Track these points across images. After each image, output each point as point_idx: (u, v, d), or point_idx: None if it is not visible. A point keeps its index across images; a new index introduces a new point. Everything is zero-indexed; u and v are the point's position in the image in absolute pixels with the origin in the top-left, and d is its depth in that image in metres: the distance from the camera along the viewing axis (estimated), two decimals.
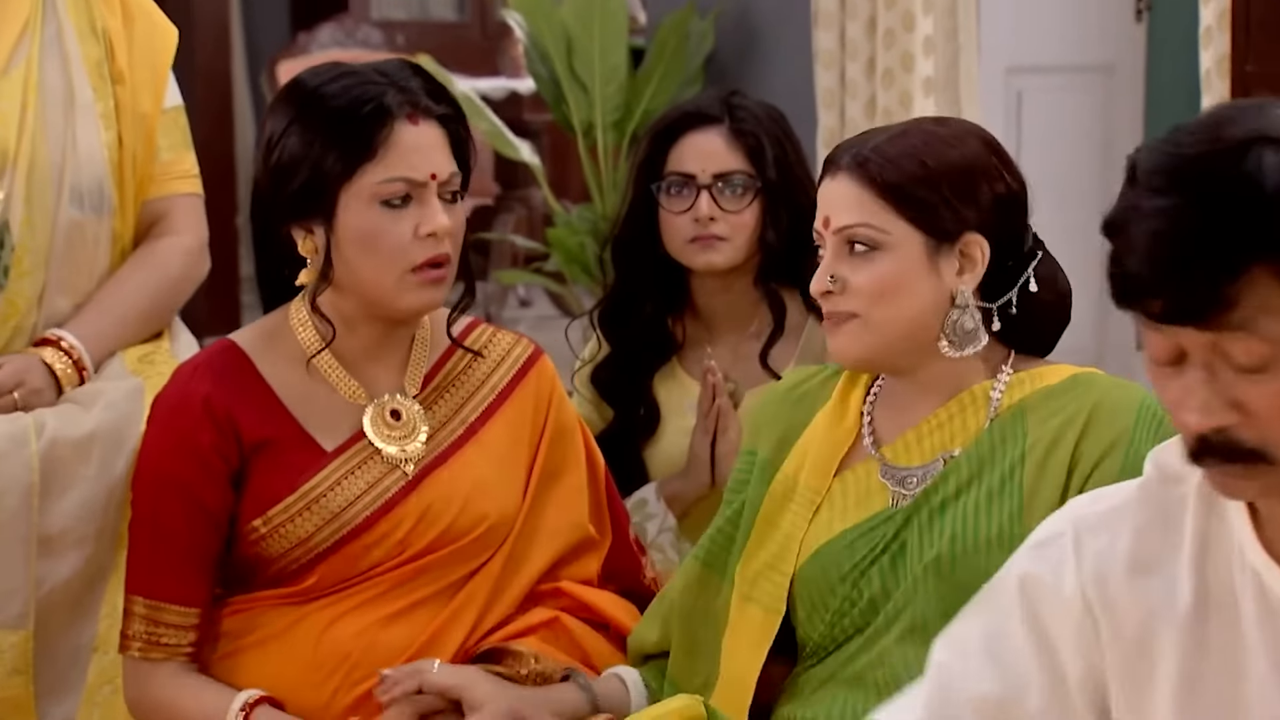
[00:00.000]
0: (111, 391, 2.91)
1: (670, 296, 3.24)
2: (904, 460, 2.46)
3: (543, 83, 6.36)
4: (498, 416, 2.70)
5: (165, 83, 3.13)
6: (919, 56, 5.51)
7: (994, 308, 2.45)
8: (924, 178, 2.40)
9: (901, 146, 2.42)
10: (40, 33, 3.01)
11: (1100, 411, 2.37)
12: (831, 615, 2.44)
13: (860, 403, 2.53)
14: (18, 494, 2.80)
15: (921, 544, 2.39)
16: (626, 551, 2.80)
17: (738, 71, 6.14)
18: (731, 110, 3.17)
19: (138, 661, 2.62)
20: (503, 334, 2.77)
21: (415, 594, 2.62)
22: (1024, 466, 2.38)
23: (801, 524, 2.49)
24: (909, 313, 2.41)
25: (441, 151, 2.59)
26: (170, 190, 3.13)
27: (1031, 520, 2.33)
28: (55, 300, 3.00)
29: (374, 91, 2.56)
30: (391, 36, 9.43)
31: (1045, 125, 6.20)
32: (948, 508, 2.40)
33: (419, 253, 2.56)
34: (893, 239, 2.40)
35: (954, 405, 2.46)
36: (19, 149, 2.95)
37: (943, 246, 2.41)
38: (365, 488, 2.61)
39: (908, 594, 2.38)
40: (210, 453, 2.59)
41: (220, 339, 2.70)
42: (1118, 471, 2.31)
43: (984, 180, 2.43)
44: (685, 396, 3.20)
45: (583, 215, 6.35)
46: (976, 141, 2.46)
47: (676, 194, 3.16)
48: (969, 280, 2.43)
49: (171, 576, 2.60)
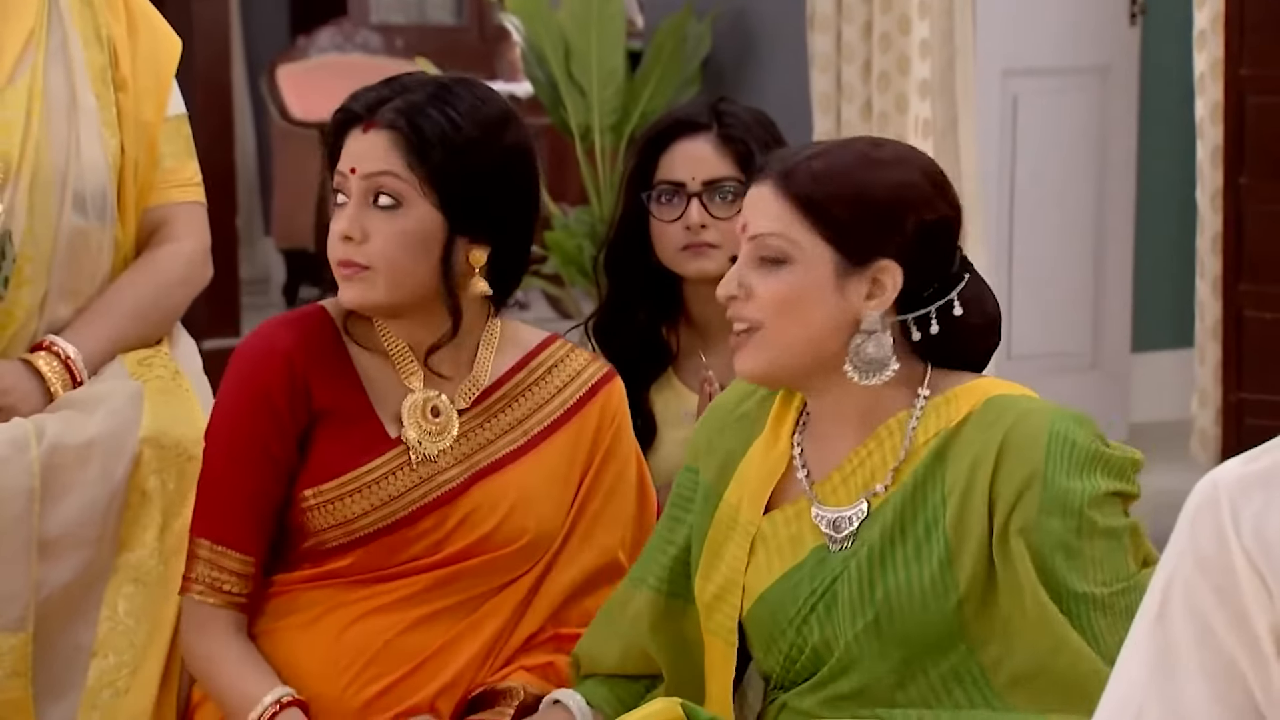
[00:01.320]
0: (112, 397, 2.91)
1: (664, 305, 3.24)
2: (833, 501, 2.43)
3: (540, 86, 6.37)
4: (560, 433, 2.71)
5: (168, 91, 3.14)
6: (915, 59, 5.53)
7: (910, 319, 2.40)
8: (844, 197, 2.36)
9: (830, 163, 2.39)
10: (46, 41, 3.02)
11: (1010, 447, 2.32)
12: (784, 659, 2.43)
13: (791, 430, 2.49)
14: (18, 498, 2.81)
15: (856, 599, 2.37)
16: None
17: (734, 75, 6.15)
18: (720, 117, 3.17)
19: (198, 604, 2.66)
20: (579, 353, 2.79)
21: (444, 600, 2.64)
22: (945, 512, 2.35)
23: (742, 558, 2.46)
24: (810, 330, 2.37)
25: (378, 156, 2.60)
26: (172, 198, 3.13)
27: (961, 570, 2.33)
28: (56, 308, 3.01)
29: (349, 101, 2.65)
30: (390, 41, 9.44)
31: (1040, 128, 6.22)
32: (877, 560, 2.37)
33: (335, 252, 2.62)
34: (803, 253, 2.37)
35: (873, 441, 2.42)
36: (23, 158, 2.95)
37: (853, 269, 2.37)
38: (419, 480, 2.64)
39: (851, 651, 2.37)
40: (283, 408, 2.63)
41: (311, 304, 2.75)
42: (1037, 510, 2.29)
43: (909, 207, 2.38)
44: (681, 406, 3.21)
45: (580, 218, 6.37)
46: (911, 168, 2.41)
47: (667, 202, 3.16)
48: (875, 305, 2.37)
49: (236, 522, 2.64)
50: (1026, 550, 2.29)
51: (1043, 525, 2.29)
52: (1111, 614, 2.31)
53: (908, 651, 2.35)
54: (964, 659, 2.34)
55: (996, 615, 2.33)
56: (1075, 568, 2.30)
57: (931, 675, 2.35)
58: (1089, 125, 6.34)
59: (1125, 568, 2.33)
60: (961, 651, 2.34)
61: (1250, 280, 5.40)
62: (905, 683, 2.35)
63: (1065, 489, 2.31)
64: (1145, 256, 6.53)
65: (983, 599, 2.33)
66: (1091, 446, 2.34)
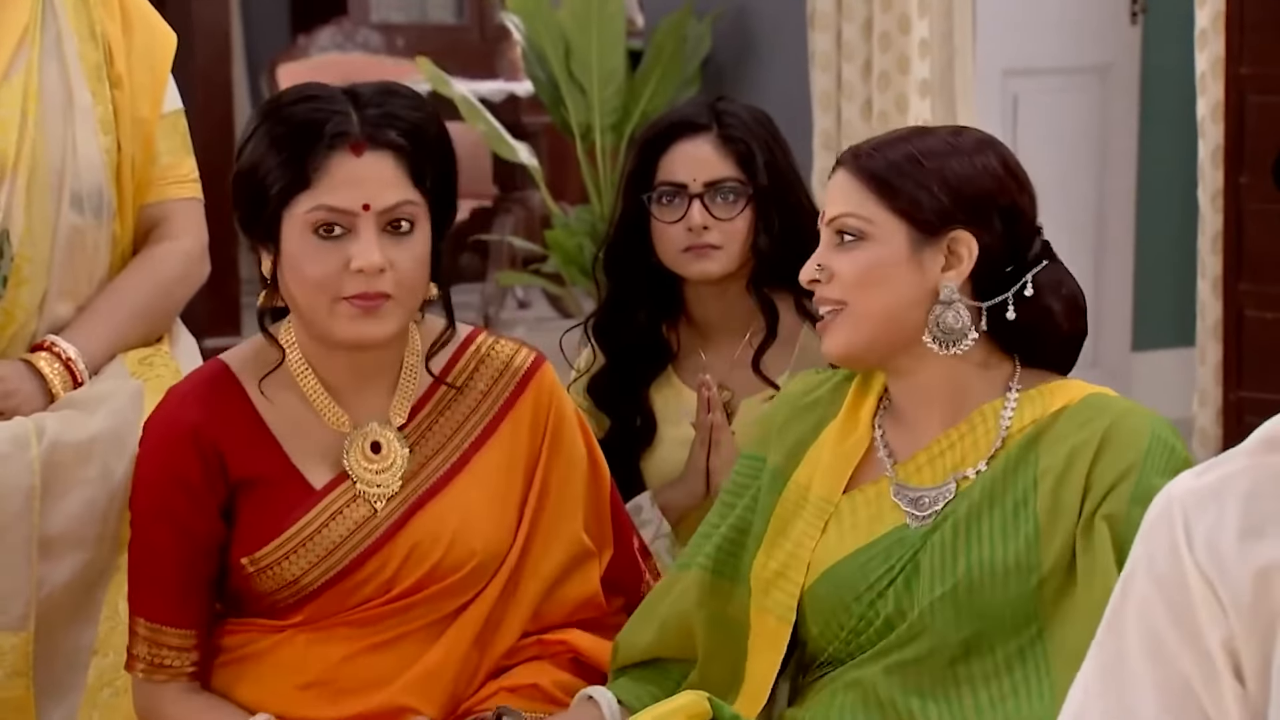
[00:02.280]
0: (113, 396, 2.91)
1: (664, 305, 3.24)
2: (916, 480, 2.47)
3: (541, 85, 6.37)
4: (494, 440, 2.65)
5: (164, 87, 3.13)
6: (915, 59, 5.53)
7: (983, 307, 2.45)
8: (912, 171, 2.43)
9: (901, 144, 2.46)
10: (40, 38, 3.02)
11: (1113, 438, 2.38)
12: (847, 633, 2.46)
13: (871, 414, 2.54)
14: (19, 497, 2.81)
15: (938, 569, 2.40)
16: (629, 562, 2.77)
17: (734, 74, 6.15)
18: (719, 117, 3.17)
19: (143, 682, 2.64)
20: (503, 344, 2.71)
21: (404, 627, 2.60)
22: (1037, 492, 2.39)
23: (813, 535, 2.49)
24: (890, 303, 2.43)
25: (384, 183, 2.49)
26: (169, 195, 3.13)
27: (1047, 549, 2.37)
28: (56, 306, 3.01)
29: (325, 117, 2.49)
30: (391, 39, 9.44)
31: (1041, 127, 6.21)
32: (962, 533, 2.40)
33: (349, 285, 2.48)
34: (877, 229, 2.43)
35: (964, 425, 2.47)
36: (19, 156, 2.95)
37: (928, 240, 2.43)
38: (353, 527, 2.58)
39: (925, 618, 2.39)
40: (198, 485, 2.58)
41: (213, 360, 2.67)
42: (1128, 499, 2.33)
43: (982, 184, 2.44)
44: (681, 405, 3.21)
45: (581, 217, 6.36)
46: (986, 150, 2.47)
47: (668, 204, 3.16)
48: (953, 277, 2.43)
49: (167, 601, 2.61)
50: (1110, 536, 2.33)
51: (1130, 516, 2.32)
52: None
53: (981, 625, 2.38)
54: (1032, 641, 2.37)
55: (1072, 601, 2.36)
56: None
57: (998, 653, 2.38)
58: (1089, 125, 6.34)
59: None
60: (1032, 632, 2.37)
61: (1251, 280, 5.40)
62: (970, 655, 2.38)
63: (1158, 488, 2.32)
64: (1146, 256, 6.53)
65: (1063, 583, 2.37)
66: (1185, 456, 2.40)
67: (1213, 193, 5.49)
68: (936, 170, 2.44)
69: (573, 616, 2.69)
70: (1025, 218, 2.48)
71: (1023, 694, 2.35)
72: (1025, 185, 2.49)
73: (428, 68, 6.52)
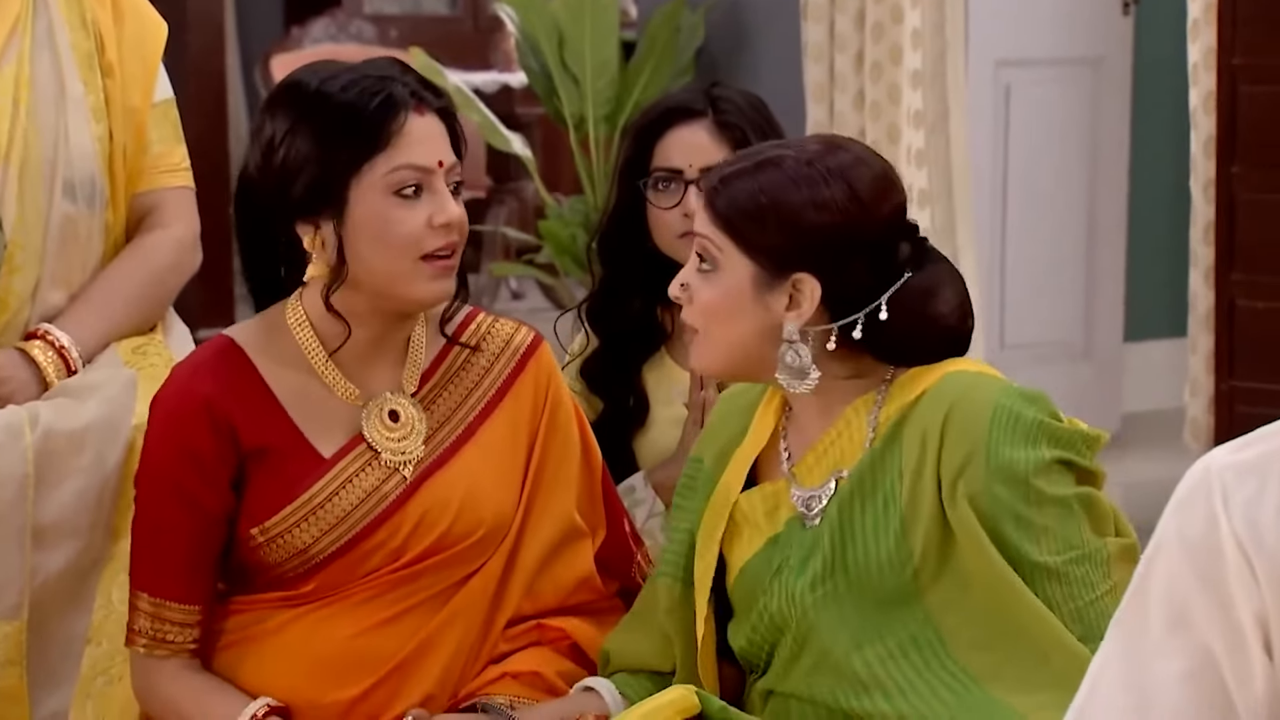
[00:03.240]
0: (106, 384, 2.92)
1: (658, 289, 3.25)
2: (807, 481, 2.50)
3: (534, 76, 6.38)
4: (497, 413, 2.69)
5: (155, 76, 3.14)
6: (907, 49, 5.53)
7: (834, 329, 2.45)
8: (755, 213, 2.44)
9: (749, 178, 2.46)
10: (32, 27, 3.03)
11: (953, 421, 2.39)
12: (751, 630, 2.49)
13: (777, 412, 2.57)
14: (12, 486, 2.82)
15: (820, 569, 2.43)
16: (621, 544, 2.80)
17: (727, 64, 6.16)
18: (714, 102, 3.18)
19: (144, 658, 2.64)
20: (502, 323, 2.76)
21: (411, 599, 2.62)
22: (902, 484, 2.41)
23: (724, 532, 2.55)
24: (737, 337, 2.46)
25: (445, 142, 2.60)
26: (161, 183, 3.13)
27: (915, 539, 2.39)
28: (49, 295, 3.01)
29: (378, 85, 2.56)
30: (384, 30, 9.45)
31: (1033, 118, 6.22)
32: (838, 534, 2.43)
33: (431, 241, 2.56)
34: (726, 260, 2.45)
35: (840, 423, 2.48)
36: (11, 144, 2.96)
37: (771, 280, 2.44)
38: (363, 495, 2.61)
39: (809, 619, 2.42)
40: (209, 457, 2.59)
41: (218, 335, 2.69)
42: (983, 479, 2.35)
43: (826, 225, 2.43)
44: (674, 385, 3.22)
45: (574, 207, 6.37)
46: (836, 186, 2.44)
47: (664, 189, 3.17)
48: (794, 318, 2.43)
49: (173, 575, 2.61)
50: (976, 517, 2.35)
51: (991, 493, 2.35)
52: (1066, 582, 2.37)
53: (865, 616, 2.40)
54: (922, 626, 2.39)
55: (954, 584, 2.38)
56: (1027, 536, 2.36)
57: (889, 640, 2.39)
58: (1082, 115, 6.34)
59: (1077, 535, 2.39)
60: (919, 618, 2.39)
61: (1242, 270, 5.41)
62: (862, 645, 2.40)
63: (1009, 459, 2.36)
64: (1138, 246, 6.53)
65: (938, 568, 2.39)
66: (1035, 418, 2.38)
67: (1205, 183, 5.50)
68: (777, 212, 2.43)
69: (570, 599, 2.71)
70: (879, 244, 2.45)
71: (927, 675, 2.37)
72: (879, 210, 2.45)
73: (421, 59, 6.52)
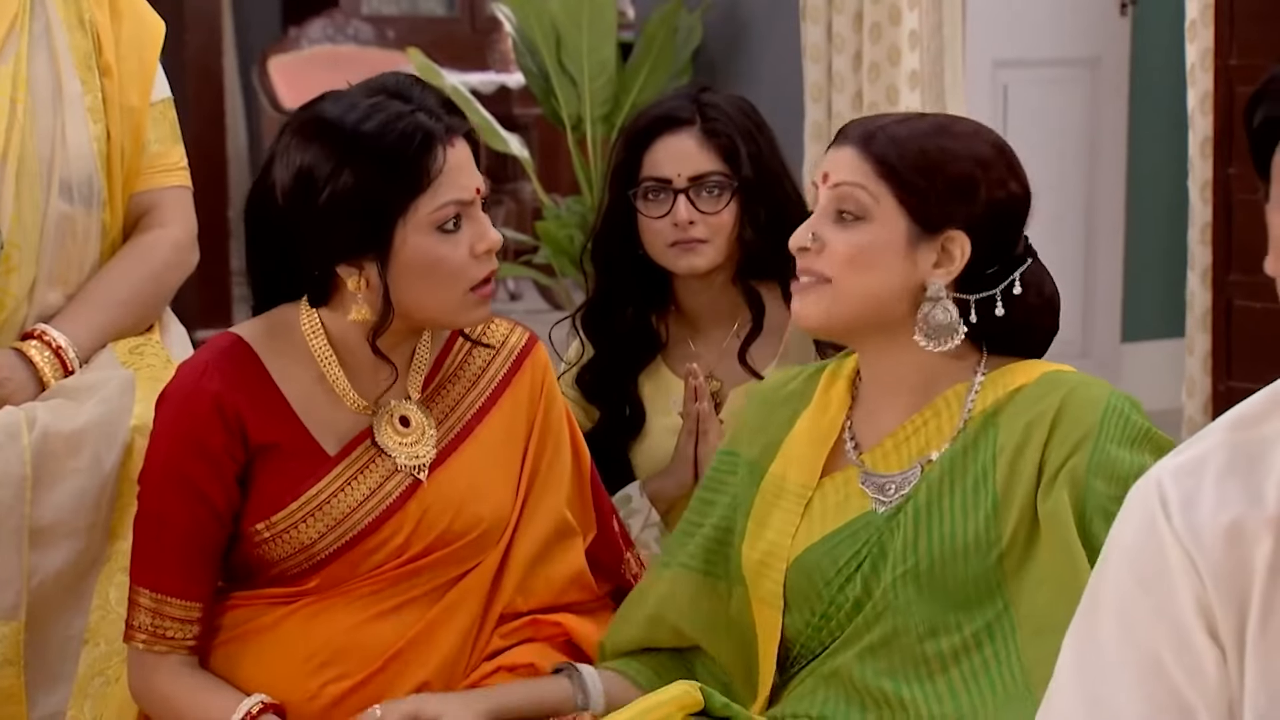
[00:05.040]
0: (103, 385, 2.92)
1: (652, 297, 3.25)
2: (882, 468, 2.49)
3: (532, 77, 6.38)
4: (495, 411, 2.71)
5: (153, 76, 3.15)
6: (905, 50, 5.53)
7: (971, 300, 2.45)
8: (921, 166, 2.42)
9: (910, 131, 2.45)
10: (29, 28, 3.03)
11: (1067, 410, 2.38)
12: (819, 619, 2.47)
13: (842, 400, 2.55)
14: (10, 487, 2.82)
15: (900, 550, 2.41)
16: (610, 544, 2.81)
17: (725, 65, 6.16)
18: (703, 110, 3.17)
19: (142, 653, 2.64)
20: (499, 323, 2.78)
21: (408, 593, 2.64)
22: (995, 468, 2.40)
23: (793, 521, 2.51)
24: (877, 288, 2.43)
25: (474, 165, 2.62)
26: (158, 183, 3.14)
27: (1006, 523, 2.37)
28: (46, 294, 3.02)
29: (413, 122, 2.54)
30: (382, 31, 9.45)
31: (1031, 118, 6.22)
32: (924, 513, 2.42)
33: (477, 271, 2.60)
34: (880, 212, 2.43)
35: (929, 411, 2.48)
36: (8, 144, 2.96)
37: (924, 235, 2.43)
38: (367, 493, 2.63)
39: (888, 597, 2.40)
40: (219, 452, 2.59)
41: (225, 333, 2.69)
42: (1085, 468, 2.34)
43: (982, 182, 2.44)
44: (670, 394, 3.21)
45: (572, 208, 6.37)
46: (985, 144, 2.47)
47: (653, 199, 3.17)
48: (942, 275, 2.44)
49: (176, 571, 2.61)
50: (1070, 503, 2.34)
51: (1089, 484, 2.34)
52: None
53: (946, 602, 2.39)
54: (999, 615, 2.37)
55: (1035, 572, 2.36)
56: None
57: (965, 629, 2.38)
58: (1079, 116, 6.35)
59: None
60: (998, 607, 2.38)
61: (1240, 270, 5.41)
62: (937, 633, 2.38)
63: (1114, 456, 2.36)
64: (1135, 247, 6.54)
65: (1024, 555, 2.37)
66: (1143, 424, 2.40)
67: (1202, 184, 5.50)
68: (942, 166, 2.43)
69: (563, 596, 2.72)
70: (1019, 209, 2.49)
71: (994, 669, 2.36)
72: (1020, 173, 2.49)
73: (419, 59, 6.52)
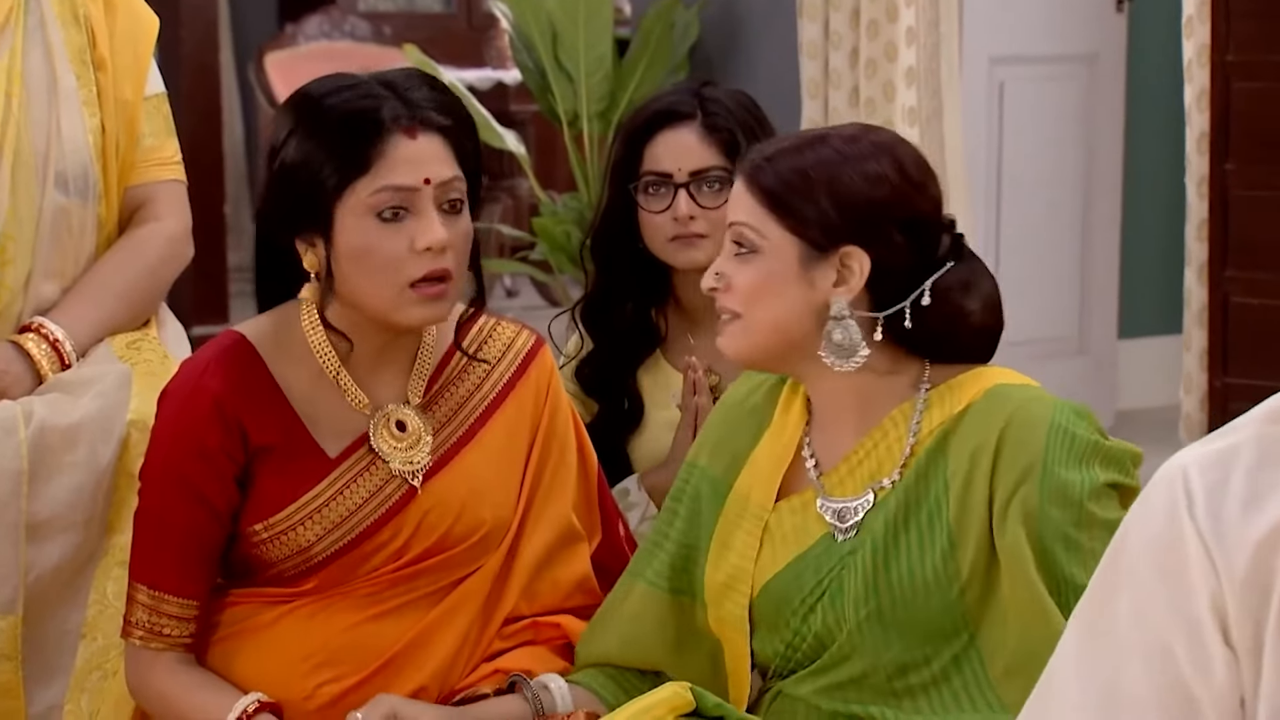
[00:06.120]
0: (100, 380, 2.92)
1: (652, 291, 3.25)
2: (839, 492, 2.47)
3: (528, 73, 6.37)
4: (498, 415, 2.69)
5: (147, 70, 3.15)
6: (902, 46, 5.53)
7: (879, 317, 2.43)
8: (802, 187, 2.41)
9: (794, 155, 2.44)
10: (23, 22, 3.03)
11: (1009, 435, 2.36)
12: (785, 646, 2.47)
13: (798, 421, 2.54)
14: (7, 481, 2.82)
15: (861, 589, 2.40)
16: (617, 549, 2.80)
17: (722, 62, 6.16)
18: (703, 104, 3.17)
19: (139, 649, 2.64)
20: (504, 325, 2.75)
21: (407, 595, 2.63)
22: (948, 500, 2.38)
23: (752, 545, 2.51)
24: (781, 316, 2.43)
25: (440, 160, 2.54)
26: (153, 177, 3.14)
27: (964, 558, 2.36)
28: (41, 287, 3.02)
29: (372, 104, 2.52)
30: (378, 28, 9.44)
31: (1028, 115, 6.22)
32: (881, 550, 2.40)
33: (416, 268, 2.52)
34: (768, 243, 2.43)
35: (877, 433, 2.46)
36: (3, 138, 2.97)
37: (818, 256, 2.42)
38: (366, 496, 2.61)
39: (854, 639, 2.40)
40: (218, 452, 2.58)
41: (228, 330, 2.68)
42: (1038, 499, 2.33)
43: (875, 198, 2.41)
44: (669, 388, 3.21)
45: (568, 205, 6.37)
46: (885, 161, 2.44)
47: (654, 194, 3.16)
48: (844, 293, 2.42)
49: (174, 569, 2.61)
50: (1026, 538, 2.32)
51: (1044, 514, 2.32)
52: None
53: (911, 640, 2.38)
54: (965, 648, 2.37)
55: (997, 603, 2.35)
56: (1075, 559, 2.33)
57: (934, 664, 2.37)
58: (1076, 112, 6.35)
59: None
60: (964, 640, 2.37)
61: (1236, 266, 5.42)
62: (906, 671, 2.38)
63: (1065, 480, 2.34)
64: (1132, 243, 6.54)
65: (984, 587, 2.36)
66: (1090, 438, 2.37)
67: (1199, 180, 5.51)
68: (827, 185, 2.41)
69: (568, 601, 2.71)
70: (926, 223, 2.45)
71: (964, 700, 2.36)
72: (925, 189, 2.46)
73: (415, 56, 6.51)
